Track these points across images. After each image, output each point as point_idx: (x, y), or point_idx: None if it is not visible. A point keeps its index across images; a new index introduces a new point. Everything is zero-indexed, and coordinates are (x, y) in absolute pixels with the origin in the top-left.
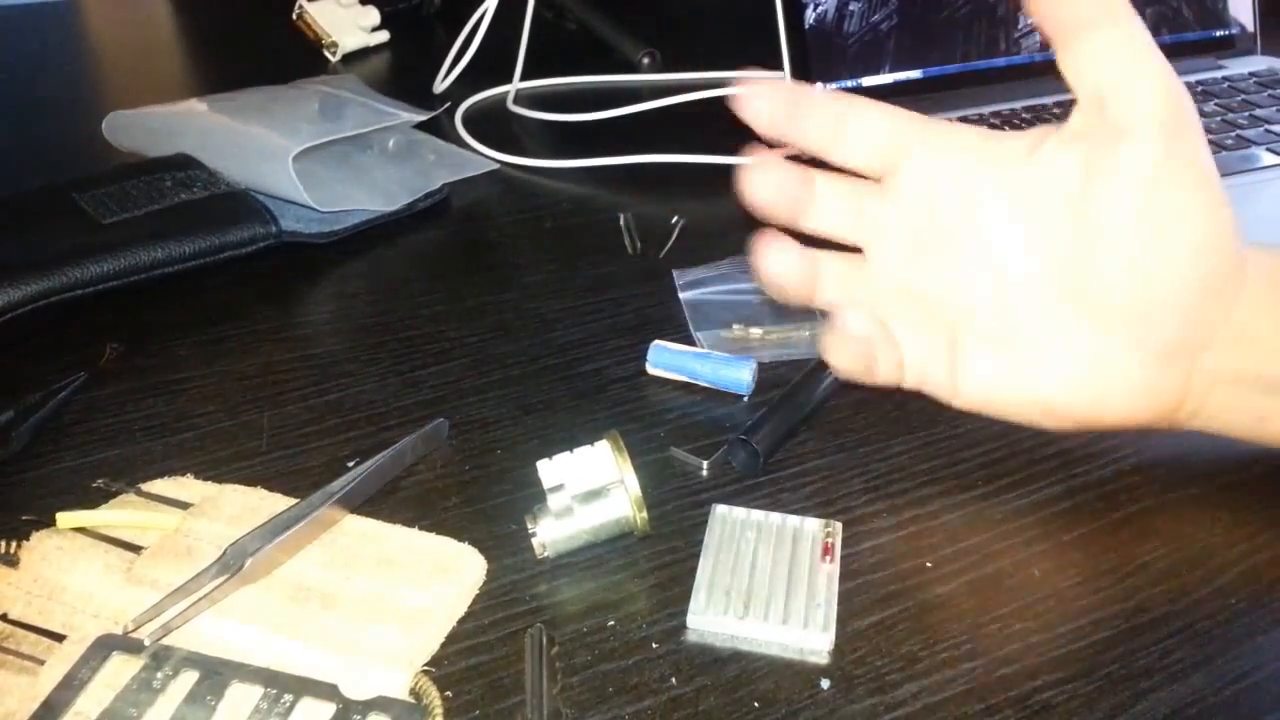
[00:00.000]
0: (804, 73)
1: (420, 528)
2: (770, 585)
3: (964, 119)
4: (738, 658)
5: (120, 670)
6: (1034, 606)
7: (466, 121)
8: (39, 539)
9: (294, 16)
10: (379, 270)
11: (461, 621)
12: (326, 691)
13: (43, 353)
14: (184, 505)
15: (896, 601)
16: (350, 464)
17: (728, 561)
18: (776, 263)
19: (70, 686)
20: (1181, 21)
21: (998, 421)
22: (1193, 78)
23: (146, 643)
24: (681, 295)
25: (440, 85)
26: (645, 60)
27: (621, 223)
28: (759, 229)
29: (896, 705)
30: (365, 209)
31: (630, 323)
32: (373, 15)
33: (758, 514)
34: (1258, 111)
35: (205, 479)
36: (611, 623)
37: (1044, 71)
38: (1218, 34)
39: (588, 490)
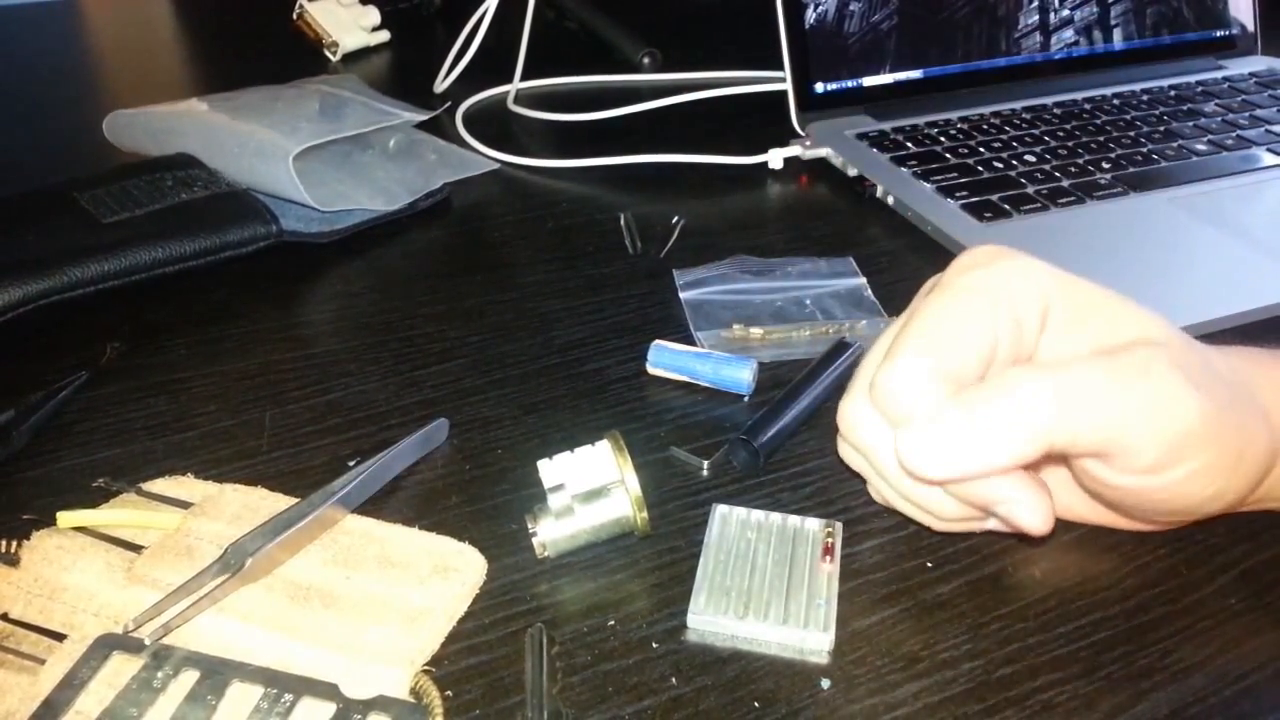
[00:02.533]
0: (804, 72)
1: (420, 527)
2: (770, 585)
3: (964, 119)
4: (738, 657)
5: (121, 669)
6: (1034, 606)
7: (467, 121)
8: (40, 538)
9: (294, 16)
10: (379, 270)
11: (462, 621)
12: (327, 691)
13: (43, 353)
14: (184, 505)
15: (896, 601)
16: (351, 463)
17: (728, 561)
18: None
19: (71, 686)
20: (1181, 21)
21: None
22: (1193, 78)
23: (147, 642)
24: (682, 295)
25: (441, 85)
26: (645, 60)
27: (622, 223)
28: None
29: (896, 705)
30: (366, 209)
31: (630, 323)
32: (373, 15)
33: (758, 514)
34: (1258, 112)
35: (206, 478)
36: (612, 622)
37: (1044, 72)
38: (1218, 34)
39: (588, 490)
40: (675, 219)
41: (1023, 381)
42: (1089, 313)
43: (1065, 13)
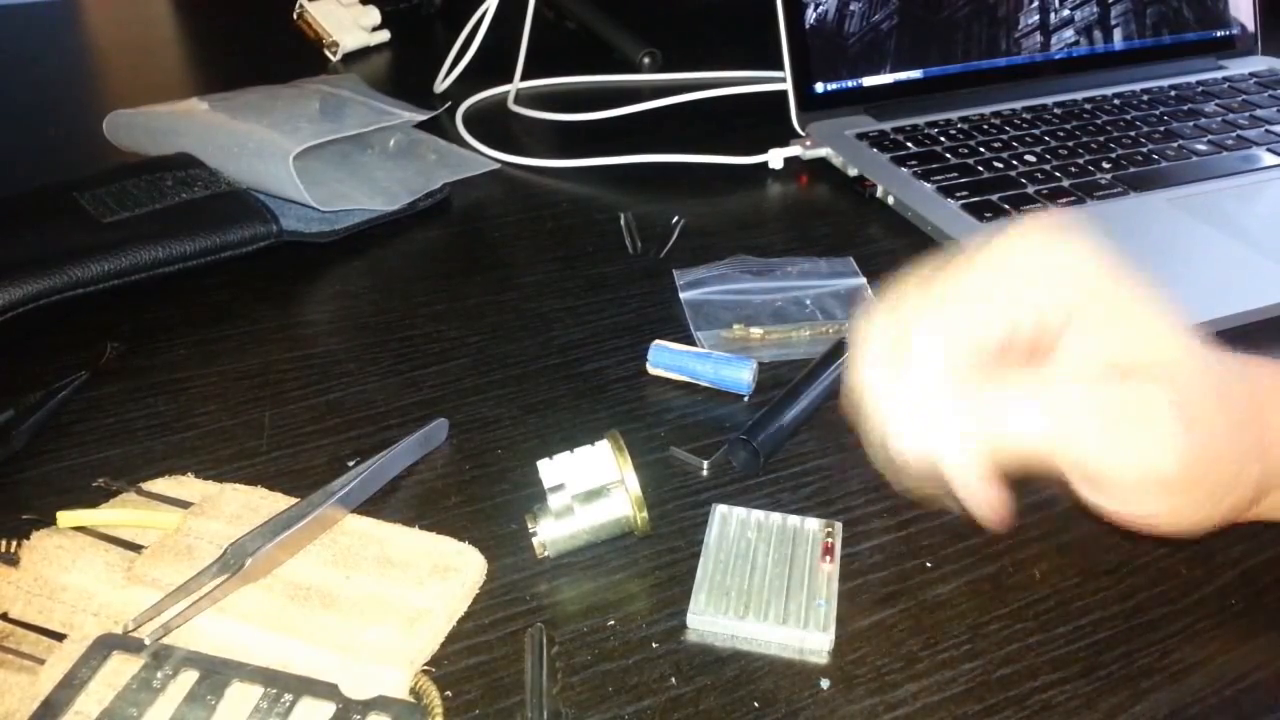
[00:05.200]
0: (804, 72)
1: (420, 527)
2: (770, 585)
3: (965, 119)
4: (738, 657)
5: (120, 669)
6: (1034, 606)
7: (467, 121)
8: (40, 538)
9: (294, 16)
10: (379, 270)
11: (461, 621)
12: (326, 691)
13: (43, 352)
14: (184, 504)
15: (896, 601)
16: (350, 463)
17: (728, 561)
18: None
19: (70, 685)
20: (1181, 21)
21: None
22: (1193, 78)
23: (147, 642)
24: (682, 295)
25: (441, 85)
26: (645, 60)
27: (622, 223)
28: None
29: (896, 705)
30: (366, 209)
31: (630, 323)
32: (373, 15)
33: (758, 514)
34: (1258, 112)
35: (205, 478)
36: (611, 622)
37: (1044, 72)
38: (1218, 34)
39: (588, 490)
40: (675, 219)
41: (1016, 396)
42: (1115, 320)
43: (1065, 13)
